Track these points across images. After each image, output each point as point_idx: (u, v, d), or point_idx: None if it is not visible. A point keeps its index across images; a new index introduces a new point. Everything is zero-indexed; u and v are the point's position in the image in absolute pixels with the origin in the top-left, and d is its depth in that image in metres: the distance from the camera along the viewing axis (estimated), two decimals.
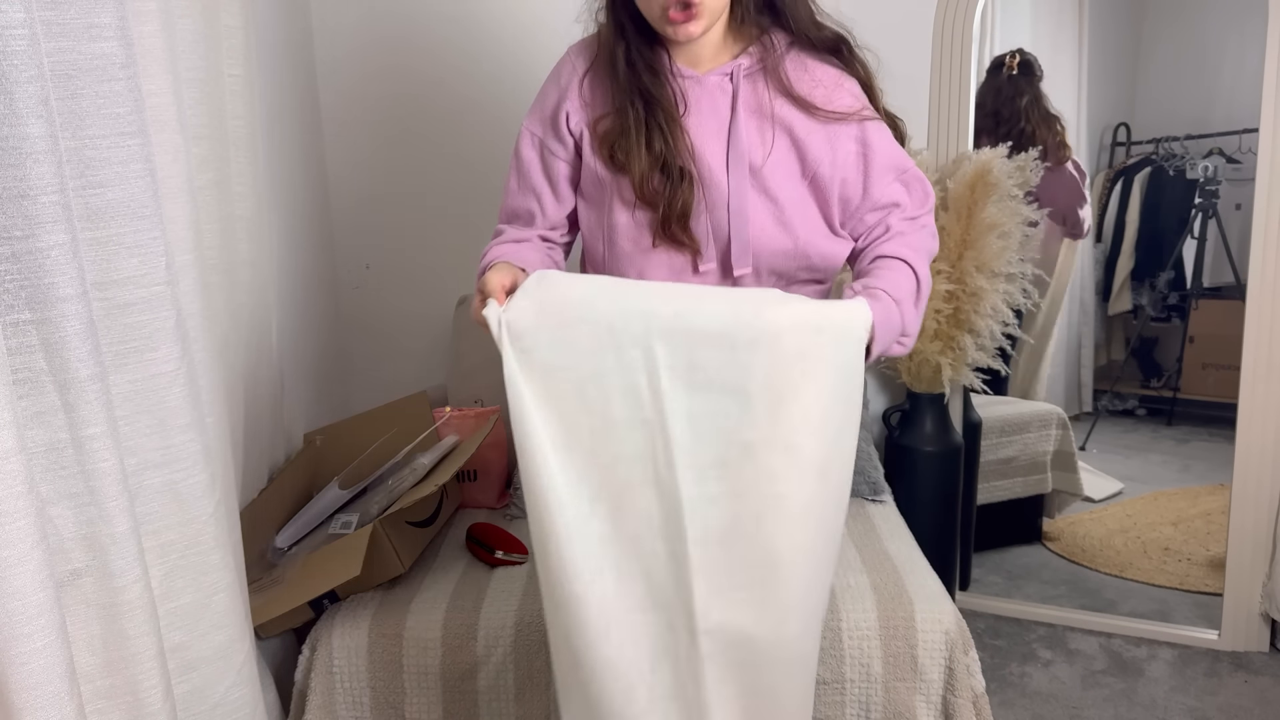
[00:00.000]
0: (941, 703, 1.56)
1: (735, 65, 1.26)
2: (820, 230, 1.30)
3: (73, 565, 1.10)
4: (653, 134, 1.22)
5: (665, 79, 1.24)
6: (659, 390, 1.11)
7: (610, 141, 1.25)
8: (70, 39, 1.07)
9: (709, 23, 1.20)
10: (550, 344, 1.13)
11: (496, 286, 1.18)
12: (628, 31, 1.23)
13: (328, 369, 2.39)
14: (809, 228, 1.29)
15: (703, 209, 1.25)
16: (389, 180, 2.43)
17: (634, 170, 1.24)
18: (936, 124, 2.30)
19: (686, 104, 1.25)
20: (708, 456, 1.13)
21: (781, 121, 1.25)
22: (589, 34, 1.31)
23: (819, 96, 1.26)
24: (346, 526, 1.78)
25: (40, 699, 1.00)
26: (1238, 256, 2.90)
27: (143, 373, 1.19)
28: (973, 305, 2.18)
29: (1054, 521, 2.94)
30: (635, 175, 1.24)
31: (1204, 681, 2.21)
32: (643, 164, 1.23)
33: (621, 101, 1.23)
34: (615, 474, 1.14)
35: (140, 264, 1.16)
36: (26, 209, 0.99)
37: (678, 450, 1.12)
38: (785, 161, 1.26)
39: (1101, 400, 3.29)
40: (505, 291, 1.18)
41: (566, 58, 1.32)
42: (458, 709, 1.61)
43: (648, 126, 1.22)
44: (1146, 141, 3.14)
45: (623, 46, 1.23)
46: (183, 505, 1.26)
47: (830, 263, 1.32)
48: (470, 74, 2.37)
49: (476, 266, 1.35)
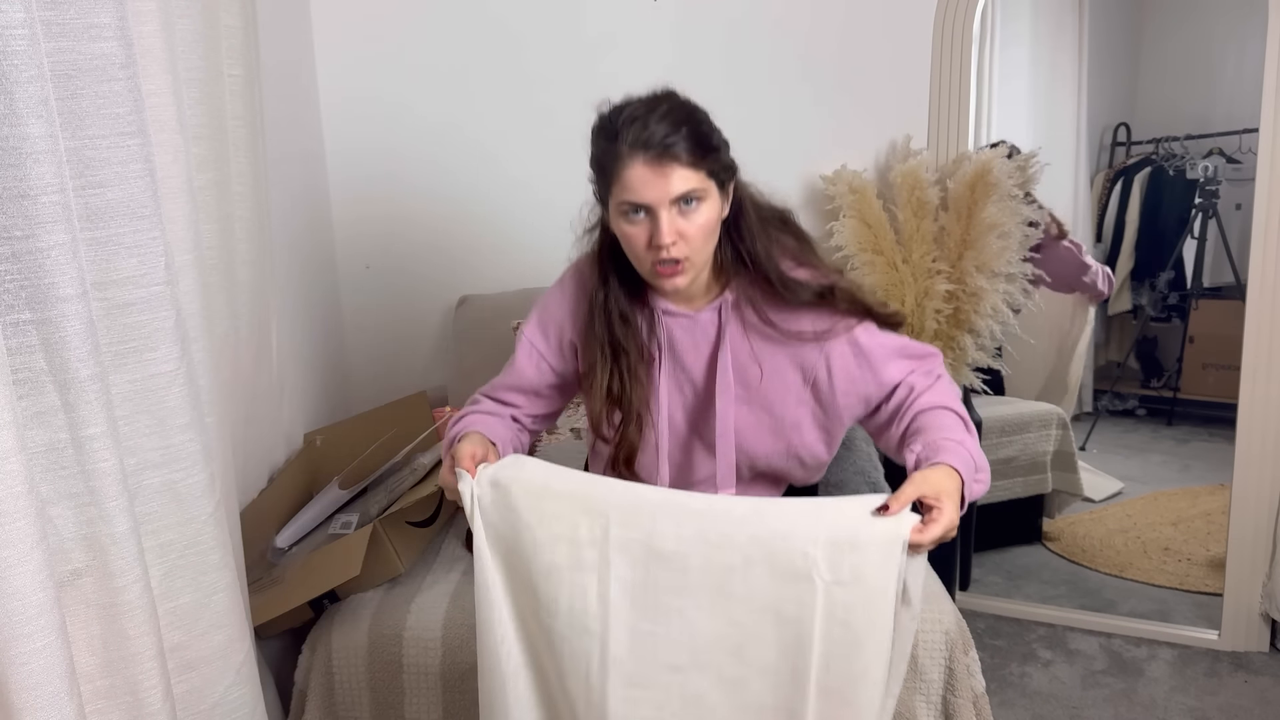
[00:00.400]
0: (941, 703, 1.56)
1: (722, 300, 1.33)
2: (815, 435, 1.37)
3: (73, 565, 1.11)
4: (613, 379, 1.31)
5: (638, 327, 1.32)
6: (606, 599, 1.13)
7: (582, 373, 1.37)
8: (70, 39, 1.07)
9: (694, 275, 1.27)
10: (514, 531, 1.17)
11: (467, 457, 1.21)
12: (610, 283, 1.31)
13: (328, 369, 2.39)
14: (802, 431, 1.36)
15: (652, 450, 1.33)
16: (389, 180, 2.43)
17: (592, 406, 1.34)
18: (936, 124, 2.31)
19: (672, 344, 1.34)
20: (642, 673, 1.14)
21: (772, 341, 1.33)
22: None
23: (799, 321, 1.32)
24: (346, 526, 1.78)
25: (40, 699, 1.00)
26: (1238, 256, 2.90)
27: (142, 373, 1.19)
28: (973, 305, 2.18)
29: (1054, 521, 2.94)
30: (592, 411, 1.34)
31: (1204, 681, 2.21)
32: (599, 403, 1.32)
33: (593, 344, 1.33)
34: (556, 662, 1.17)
35: (139, 264, 1.16)
36: (27, 209, 0.99)
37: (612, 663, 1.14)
38: (783, 373, 1.33)
39: (1101, 400, 3.29)
40: (475, 462, 1.20)
41: (572, 274, 1.40)
42: (457, 709, 1.61)
43: (610, 373, 1.31)
44: (1146, 141, 3.14)
45: (602, 295, 1.31)
46: (182, 505, 1.26)
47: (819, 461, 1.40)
48: (471, 77, 2.37)
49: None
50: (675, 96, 1.26)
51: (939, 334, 2.22)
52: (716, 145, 1.26)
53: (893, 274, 2.23)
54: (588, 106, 2.61)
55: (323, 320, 2.38)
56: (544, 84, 2.37)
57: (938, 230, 2.22)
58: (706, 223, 1.23)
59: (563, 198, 2.58)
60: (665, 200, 1.20)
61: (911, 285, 2.22)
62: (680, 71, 2.36)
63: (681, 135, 1.20)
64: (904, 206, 2.22)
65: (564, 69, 2.36)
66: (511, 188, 2.43)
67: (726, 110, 2.57)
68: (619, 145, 1.21)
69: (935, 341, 2.22)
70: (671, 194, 1.20)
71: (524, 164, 2.41)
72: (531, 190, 2.42)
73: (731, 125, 2.05)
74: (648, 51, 2.34)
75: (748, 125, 2.57)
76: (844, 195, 2.24)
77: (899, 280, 2.23)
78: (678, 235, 1.21)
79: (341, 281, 2.48)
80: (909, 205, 2.21)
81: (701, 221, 1.23)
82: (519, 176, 2.42)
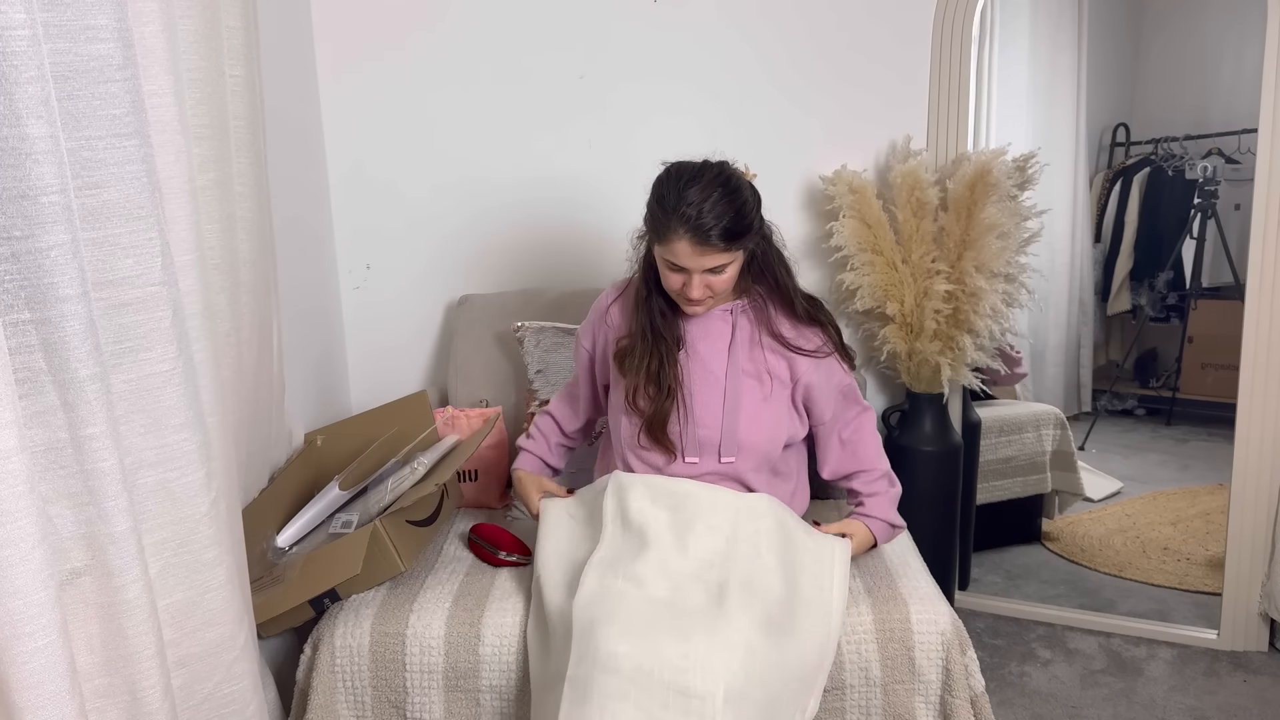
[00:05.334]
0: (939, 703, 1.56)
1: (735, 305, 1.69)
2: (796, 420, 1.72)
3: (72, 564, 1.11)
4: (653, 359, 1.65)
5: (674, 322, 1.68)
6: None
7: (622, 356, 1.69)
8: (68, 40, 1.07)
9: (713, 305, 1.66)
10: None
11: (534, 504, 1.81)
12: (650, 289, 1.67)
13: (328, 369, 2.40)
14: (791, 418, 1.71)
15: (678, 420, 1.66)
16: (390, 180, 2.43)
17: (631, 381, 1.67)
18: (936, 124, 2.31)
19: (691, 337, 1.69)
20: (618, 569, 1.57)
21: (770, 347, 1.69)
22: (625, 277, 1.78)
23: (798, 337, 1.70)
24: (346, 526, 1.78)
25: (41, 698, 1.00)
26: (1237, 256, 2.91)
27: (138, 372, 1.19)
28: (972, 305, 2.18)
29: (1053, 521, 2.95)
30: (631, 385, 1.67)
31: (1203, 681, 2.21)
32: (639, 378, 1.66)
33: (637, 330, 1.68)
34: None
35: (136, 264, 1.16)
36: (27, 209, 0.99)
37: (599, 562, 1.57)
38: (775, 371, 1.68)
39: (1100, 400, 3.29)
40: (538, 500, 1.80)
41: (608, 295, 1.79)
42: (460, 709, 1.61)
43: (650, 354, 1.65)
44: (1146, 142, 3.15)
45: (645, 294, 1.68)
46: (175, 504, 1.26)
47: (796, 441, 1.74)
48: (470, 76, 2.37)
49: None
50: (724, 179, 1.54)
51: (938, 334, 2.22)
52: (749, 229, 1.56)
53: (892, 274, 2.23)
54: (588, 106, 2.62)
55: (323, 320, 2.39)
56: (544, 83, 2.37)
57: (937, 230, 2.22)
58: (730, 277, 1.59)
59: (563, 197, 2.58)
60: (699, 269, 1.54)
61: (911, 285, 2.22)
62: (680, 71, 2.38)
63: (722, 227, 1.50)
64: (903, 206, 2.22)
65: (564, 68, 2.36)
66: (512, 187, 2.43)
67: (727, 110, 2.58)
68: (672, 219, 1.51)
69: (935, 341, 2.22)
70: (705, 266, 1.54)
71: (524, 163, 2.41)
72: (532, 190, 2.42)
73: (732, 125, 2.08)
74: (648, 51, 2.34)
75: (748, 125, 2.58)
76: (844, 195, 2.25)
77: (898, 280, 2.23)
78: (705, 287, 1.57)
79: (342, 281, 2.49)
80: (908, 205, 2.21)
81: (726, 277, 1.58)
82: (520, 176, 2.42)
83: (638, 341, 1.67)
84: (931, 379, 2.27)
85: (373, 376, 2.52)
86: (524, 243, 2.46)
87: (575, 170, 2.41)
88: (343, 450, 1.99)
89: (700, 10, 2.32)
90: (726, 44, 2.33)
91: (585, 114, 2.38)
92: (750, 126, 2.35)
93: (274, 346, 1.84)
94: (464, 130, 2.40)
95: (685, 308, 1.64)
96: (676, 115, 2.34)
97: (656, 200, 1.56)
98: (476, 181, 2.43)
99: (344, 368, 2.50)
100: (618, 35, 2.34)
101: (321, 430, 2.09)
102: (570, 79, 2.36)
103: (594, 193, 2.40)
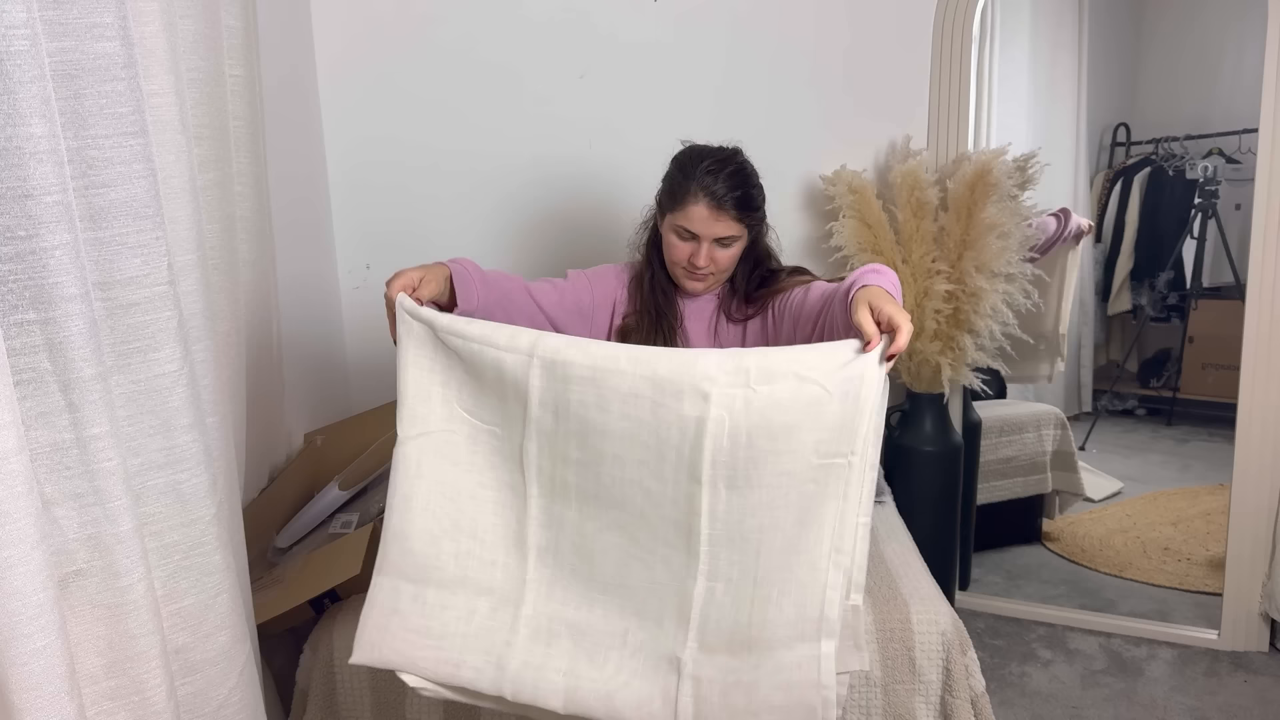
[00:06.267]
0: (940, 703, 1.56)
1: (722, 289, 1.72)
2: None
3: (77, 565, 1.11)
4: (655, 336, 1.70)
5: (674, 299, 1.73)
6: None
7: (626, 333, 1.73)
8: (72, 39, 1.07)
9: (711, 285, 1.67)
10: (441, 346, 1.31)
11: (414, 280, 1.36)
12: (654, 269, 1.72)
13: (328, 369, 2.39)
14: None
15: None
16: (390, 180, 2.43)
17: None
18: (936, 124, 2.31)
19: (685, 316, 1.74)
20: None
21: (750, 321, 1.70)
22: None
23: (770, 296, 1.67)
24: (346, 526, 1.78)
25: (40, 699, 1.00)
26: (1237, 256, 2.91)
27: (145, 373, 1.19)
28: (972, 305, 2.18)
29: (1053, 521, 2.95)
30: None
31: (1204, 681, 2.21)
32: None
33: (642, 309, 1.72)
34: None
35: (142, 264, 1.16)
36: (29, 209, 0.99)
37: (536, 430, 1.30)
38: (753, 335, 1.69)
39: (1101, 400, 3.29)
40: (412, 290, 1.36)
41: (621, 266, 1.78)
42: (458, 710, 1.61)
43: (654, 331, 1.70)
44: (1146, 142, 3.15)
45: (649, 275, 1.72)
46: (186, 506, 1.26)
47: None
48: (471, 76, 2.37)
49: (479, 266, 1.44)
50: (741, 159, 1.62)
51: (939, 334, 2.22)
52: (758, 206, 1.63)
53: None
54: (587, 106, 2.62)
55: (323, 320, 2.38)
56: (544, 82, 2.37)
57: (937, 230, 2.22)
58: (734, 255, 1.64)
59: (563, 197, 2.58)
60: (710, 237, 1.59)
61: (911, 285, 2.22)
62: (680, 71, 2.38)
63: (737, 196, 1.57)
64: (904, 206, 2.22)
65: (564, 68, 2.36)
66: (512, 187, 2.43)
67: (727, 110, 2.58)
68: (691, 184, 1.57)
69: (935, 342, 2.22)
70: (716, 234, 1.58)
71: (524, 164, 2.41)
72: (532, 190, 2.42)
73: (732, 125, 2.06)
74: (648, 51, 2.34)
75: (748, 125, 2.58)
76: (844, 195, 2.25)
77: None
78: (710, 260, 1.61)
79: (342, 281, 2.48)
80: (909, 205, 2.21)
81: (730, 254, 1.63)
82: (520, 176, 2.42)
83: (643, 320, 1.72)
84: (932, 379, 2.27)
85: (372, 376, 2.52)
86: (524, 242, 2.46)
87: (575, 170, 2.41)
88: (343, 450, 1.99)
89: (700, 10, 2.32)
90: (727, 44, 2.33)
91: (585, 114, 2.38)
92: (750, 126, 2.34)
93: (274, 347, 1.84)
94: (464, 130, 2.40)
95: (686, 284, 1.66)
96: (677, 115, 2.34)
97: (678, 168, 1.62)
98: (476, 181, 2.43)
99: (344, 368, 2.50)
100: (618, 35, 2.34)
101: (321, 430, 2.09)
102: (570, 79, 2.36)
103: (594, 193, 2.40)
